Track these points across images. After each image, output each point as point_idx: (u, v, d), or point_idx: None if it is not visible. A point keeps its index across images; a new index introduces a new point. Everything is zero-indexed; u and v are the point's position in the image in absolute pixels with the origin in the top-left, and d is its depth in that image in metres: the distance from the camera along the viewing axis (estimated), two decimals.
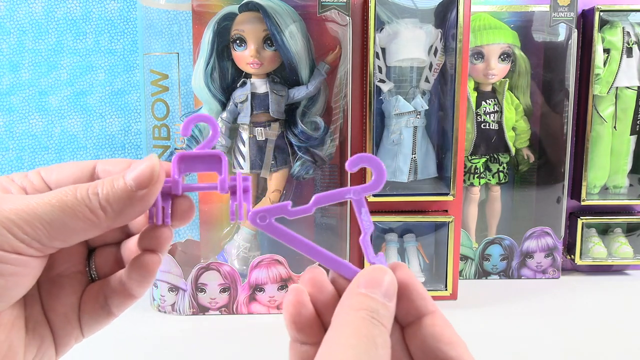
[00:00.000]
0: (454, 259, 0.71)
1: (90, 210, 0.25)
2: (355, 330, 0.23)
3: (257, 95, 0.67)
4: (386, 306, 0.25)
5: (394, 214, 0.71)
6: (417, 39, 0.69)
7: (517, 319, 0.68)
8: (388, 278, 0.26)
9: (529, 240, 0.81)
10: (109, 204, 0.26)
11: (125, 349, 0.61)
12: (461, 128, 0.68)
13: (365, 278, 0.26)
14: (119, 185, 0.26)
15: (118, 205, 0.26)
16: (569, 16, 0.76)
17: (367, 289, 0.25)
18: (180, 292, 0.69)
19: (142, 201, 0.26)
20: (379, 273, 0.26)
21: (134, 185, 0.26)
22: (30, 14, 0.88)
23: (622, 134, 0.81)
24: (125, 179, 0.26)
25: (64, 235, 0.25)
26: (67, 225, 0.25)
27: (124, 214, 0.26)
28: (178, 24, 0.68)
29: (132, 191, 0.26)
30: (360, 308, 0.24)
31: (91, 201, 0.25)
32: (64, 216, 0.25)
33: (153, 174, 0.26)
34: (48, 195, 0.25)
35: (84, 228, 0.26)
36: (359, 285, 0.25)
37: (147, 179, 0.26)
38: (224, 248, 0.72)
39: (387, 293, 0.25)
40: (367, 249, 0.27)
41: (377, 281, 0.25)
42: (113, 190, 0.26)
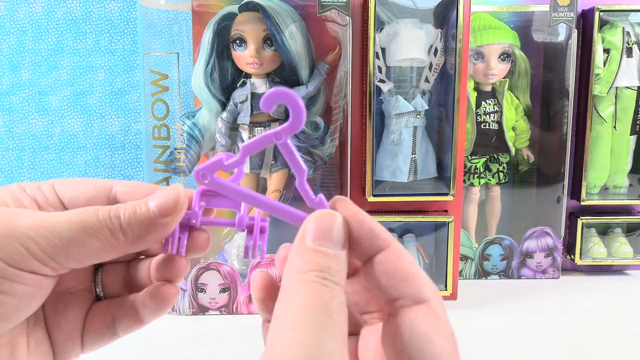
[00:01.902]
0: (453, 259, 0.71)
1: (110, 232, 0.25)
2: (306, 300, 0.21)
3: (257, 95, 0.67)
4: (338, 258, 0.23)
5: (394, 214, 0.71)
6: (417, 39, 0.69)
7: (517, 319, 0.68)
8: (337, 224, 0.24)
9: (529, 240, 0.81)
10: (130, 228, 0.25)
11: (125, 349, 0.61)
12: (461, 128, 0.68)
13: (313, 227, 0.24)
14: (141, 210, 0.26)
15: (139, 230, 0.26)
16: (568, 16, 0.76)
17: (315, 242, 0.23)
18: (180, 292, 0.69)
19: (163, 229, 0.26)
20: (328, 219, 0.24)
21: (157, 212, 0.26)
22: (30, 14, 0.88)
23: (622, 134, 0.81)
24: (148, 205, 0.26)
25: (81, 256, 0.25)
26: (85, 245, 0.25)
27: (144, 239, 0.26)
28: (178, 24, 0.68)
29: (155, 218, 0.26)
30: (308, 269, 0.22)
31: (113, 224, 0.25)
32: (84, 236, 0.25)
33: (178, 203, 0.26)
34: (68, 213, 0.25)
35: (102, 250, 0.25)
36: (305, 238, 0.23)
37: (171, 207, 0.26)
38: (224, 248, 0.72)
39: (338, 241, 0.23)
40: (305, 192, 0.26)
41: (325, 230, 0.23)
42: (135, 215, 0.26)
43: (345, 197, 0.25)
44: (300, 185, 0.26)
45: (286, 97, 0.24)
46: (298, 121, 0.24)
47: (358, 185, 0.71)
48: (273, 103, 0.24)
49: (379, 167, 0.72)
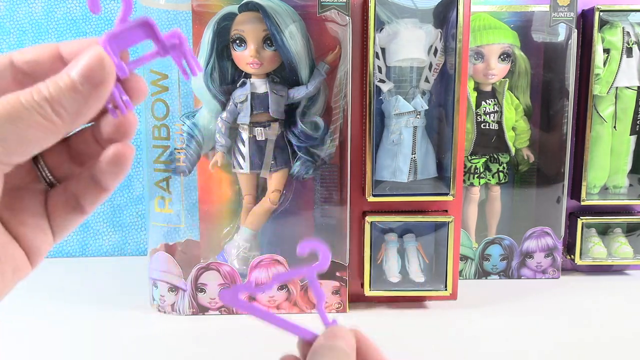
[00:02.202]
0: (453, 259, 0.71)
1: (43, 117, 0.23)
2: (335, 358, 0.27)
3: (256, 95, 0.67)
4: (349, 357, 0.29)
5: (394, 214, 0.71)
6: (417, 39, 0.69)
7: (517, 319, 0.68)
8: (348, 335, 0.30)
9: (529, 240, 0.81)
10: (62, 106, 0.23)
11: (125, 349, 0.61)
12: (461, 128, 0.68)
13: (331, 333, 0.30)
14: (65, 83, 0.23)
15: (72, 106, 0.23)
16: (568, 16, 0.76)
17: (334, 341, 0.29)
18: (180, 292, 0.69)
19: (98, 97, 0.24)
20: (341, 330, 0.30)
21: (85, 82, 0.23)
22: (30, 14, 0.88)
23: (622, 134, 0.81)
24: (70, 75, 0.23)
25: (21, 149, 0.23)
26: (22, 137, 0.23)
27: (81, 114, 0.24)
28: (178, 24, 0.68)
29: (85, 88, 0.23)
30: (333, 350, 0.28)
31: (42, 107, 0.23)
32: (16, 128, 0.22)
33: (104, 65, 0.24)
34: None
35: (42, 137, 0.23)
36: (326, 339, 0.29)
37: (98, 72, 0.23)
38: (223, 248, 0.72)
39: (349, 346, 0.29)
40: (322, 316, 0.32)
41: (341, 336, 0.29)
42: (62, 91, 0.23)
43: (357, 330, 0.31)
44: (320, 309, 0.32)
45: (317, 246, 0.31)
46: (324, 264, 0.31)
47: (358, 185, 0.71)
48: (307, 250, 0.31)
49: (379, 167, 0.72)
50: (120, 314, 0.69)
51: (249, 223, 0.71)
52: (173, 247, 0.72)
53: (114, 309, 0.71)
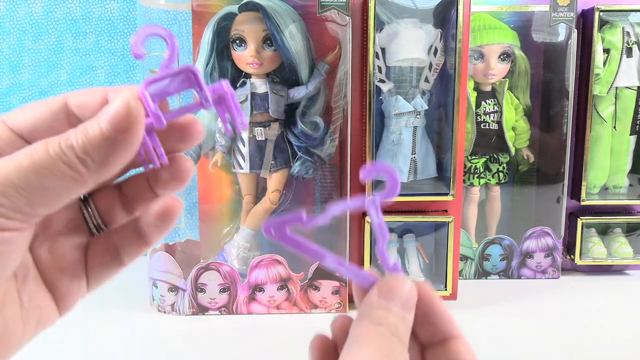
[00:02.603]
0: (453, 259, 0.71)
1: (68, 166, 0.22)
2: (377, 349, 0.23)
3: (256, 95, 0.67)
4: (405, 319, 0.25)
5: (393, 214, 0.71)
6: (417, 39, 0.69)
7: (517, 319, 0.68)
8: (407, 288, 0.25)
9: (529, 240, 0.81)
10: (88, 155, 0.22)
11: (125, 349, 0.61)
12: (461, 128, 0.68)
13: (385, 287, 0.25)
14: (94, 131, 0.22)
15: (99, 155, 0.22)
16: (568, 16, 0.76)
17: (387, 300, 0.25)
18: (180, 292, 0.69)
19: (126, 146, 0.22)
20: (399, 283, 0.25)
21: (111, 129, 0.22)
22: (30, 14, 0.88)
23: (622, 134, 0.81)
24: (99, 123, 0.22)
25: (46, 200, 0.22)
26: (46, 188, 0.22)
27: (108, 164, 0.22)
28: (178, 24, 0.68)
29: (112, 137, 0.22)
30: (380, 323, 0.24)
31: (67, 155, 0.22)
32: (41, 178, 0.21)
33: (130, 111, 0.22)
34: (15, 156, 0.22)
35: (67, 187, 0.22)
36: (378, 295, 0.25)
37: (124, 119, 0.22)
38: (223, 248, 0.72)
39: (407, 304, 0.25)
40: (384, 258, 0.27)
41: (397, 291, 0.25)
42: (89, 139, 0.22)
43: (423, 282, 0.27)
44: (381, 251, 0.27)
45: (384, 170, 0.26)
46: (392, 192, 0.26)
47: (358, 185, 0.71)
48: (372, 175, 0.26)
49: None
50: (120, 314, 0.69)
51: (249, 223, 0.71)
52: (173, 247, 0.72)
53: (114, 309, 0.71)
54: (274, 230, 0.25)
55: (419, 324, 0.26)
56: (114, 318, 0.68)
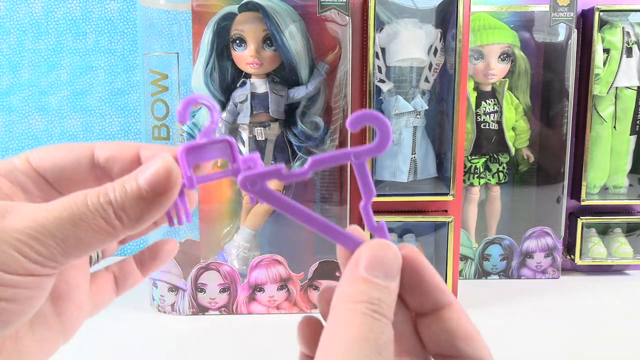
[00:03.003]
0: (453, 259, 0.71)
1: (105, 221, 0.23)
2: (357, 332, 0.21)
3: (256, 95, 0.67)
4: (389, 290, 0.23)
5: (393, 214, 0.71)
6: (416, 39, 0.69)
7: (517, 319, 0.68)
8: (391, 255, 0.23)
9: (529, 240, 0.81)
10: (125, 212, 0.23)
11: (125, 349, 0.61)
12: (461, 128, 0.68)
13: (367, 256, 0.23)
14: (132, 189, 0.23)
15: (135, 212, 0.23)
16: (568, 16, 0.76)
17: (369, 271, 0.23)
18: (180, 292, 0.69)
19: (160, 206, 0.23)
20: (382, 249, 0.23)
21: (149, 190, 0.23)
22: (30, 14, 0.88)
23: (622, 134, 0.81)
24: (138, 182, 0.23)
25: (79, 250, 0.23)
26: (81, 239, 0.22)
27: (142, 221, 0.23)
28: (178, 24, 0.68)
29: (149, 197, 0.23)
30: (360, 300, 0.22)
31: (106, 211, 0.23)
32: (78, 231, 0.22)
33: (171, 176, 0.23)
34: (56, 206, 0.22)
35: (100, 240, 0.23)
36: (358, 266, 0.23)
37: (164, 182, 0.23)
38: (223, 248, 0.72)
39: (390, 272, 0.23)
40: (368, 216, 0.25)
41: (380, 260, 0.23)
42: (127, 196, 0.23)
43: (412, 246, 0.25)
44: (365, 208, 0.25)
45: (374, 119, 0.24)
46: (384, 145, 0.24)
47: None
48: (360, 124, 0.24)
49: (379, 167, 0.72)
50: (120, 314, 0.69)
51: (249, 223, 0.71)
52: None
53: (114, 309, 0.70)
54: (249, 184, 0.24)
55: (408, 293, 0.24)
56: (114, 318, 0.68)
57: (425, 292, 0.24)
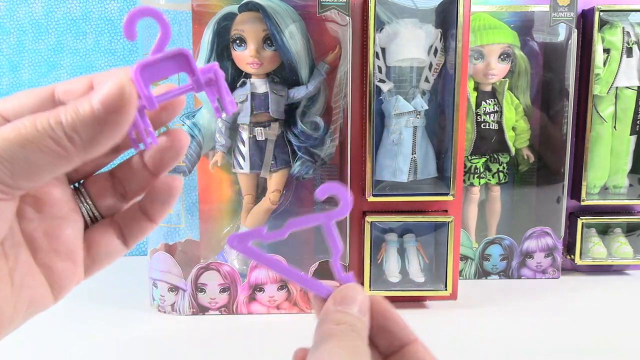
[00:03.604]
0: (454, 259, 0.71)
1: (55, 141, 0.22)
2: (341, 341, 0.25)
3: (256, 95, 0.67)
4: (362, 321, 0.27)
5: (394, 214, 0.71)
6: (417, 39, 0.69)
7: (517, 319, 0.68)
8: (361, 295, 0.28)
9: (529, 240, 0.81)
10: (76, 132, 0.22)
11: (126, 349, 0.61)
12: (461, 128, 0.68)
13: (340, 296, 0.28)
14: (84, 110, 0.22)
15: (87, 133, 0.22)
16: (568, 16, 0.76)
17: (343, 306, 0.27)
18: (180, 292, 0.69)
19: (116, 126, 0.23)
20: (353, 291, 0.28)
21: (102, 109, 0.22)
22: (30, 14, 0.88)
23: (622, 134, 0.81)
24: (92, 102, 0.22)
25: (29, 173, 0.22)
26: (31, 161, 0.22)
27: (96, 142, 0.23)
28: (178, 24, 0.68)
29: (102, 116, 0.22)
30: (340, 322, 0.26)
31: (55, 131, 0.22)
32: (26, 152, 0.22)
33: (123, 94, 0.23)
34: (5, 128, 0.22)
35: (52, 163, 0.23)
36: (335, 303, 0.27)
37: (117, 100, 0.22)
38: (223, 248, 0.72)
39: (362, 309, 0.27)
40: (337, 270, 0.29)
41: (352, 298, 0.28)
42: (79, 117, 0.22)
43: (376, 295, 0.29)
44: (334, 263, 0.29)
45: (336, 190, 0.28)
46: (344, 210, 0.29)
47: (358, 185, 0.71)
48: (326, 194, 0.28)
49: (379, 167, 0.72)
50: (120, 314, 0.69)
51: (249, 223, 0.71)
52: (173, 247, 0.72)
53: (114, 309, 0.71)
54: (237, 243, 0.28)
55: (377, 335, 0.28)
56: (114, 318, 0.68)
57: (393, 331, 0.28)
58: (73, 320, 0.68)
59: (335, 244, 0.29)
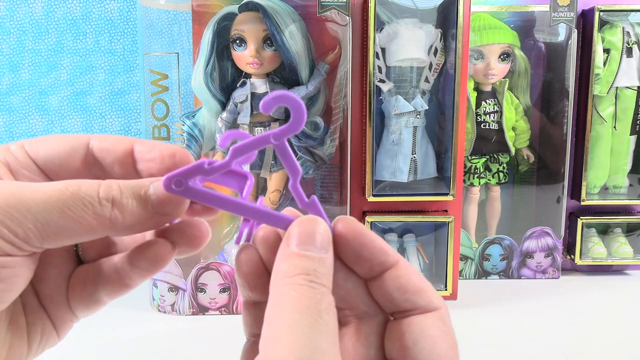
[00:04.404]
0: (454, 259, 0.71)
1: (96, 215, 0.21)
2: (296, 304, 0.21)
3: (257, 95, 0.67)
4: (323, 260, 0.23)
5: (393, 214, 0.71)
6: (417, 39, 0.69)
7: (517, 319, 0.68)
8: (321, 228, 0.24)
9: (529, 240, 0.81)
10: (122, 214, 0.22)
11: (125, 349, 0.61)
12: (461, 128, 0.68)
13: (297, 233, 0.23)
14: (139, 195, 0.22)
15: (131, 220, 0.22)
16: (568, 16, 0.76)
17: (300, 246, 0.23)
18: (180, 292, 0.69)
19: (157, 224, 0.23)
20: (311, 225, 0.24)
21: (155, 206, 0.22)
22: (30, 14, 0.88)
23: (622, 134, 0.81)
24: (148, 191, 0.22)
25: (57, 239, 0.22)
26: (63, 228, 0.21)
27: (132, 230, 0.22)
28: (178, 24, 0.68)
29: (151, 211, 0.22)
30: (295, 273, 0.22)
31: (102, 207, 0.21)
32: (62, 219, 0.21)
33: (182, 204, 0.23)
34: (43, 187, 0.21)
35: (82, 233, 0.22)
36: (289, 244, 0.23)
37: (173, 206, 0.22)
38: (224, 248, 0.72)
39: (322, 245, 0.23)
40: (298, 194, 0.25)
41: (309, 235, 0.23)
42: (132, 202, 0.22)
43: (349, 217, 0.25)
44: (294, 186, 0.25)
45: (287, 99, 0.23)
46: (298, 123, 0.24)
47: (358, 185, 0.71)
48: (273, 105, 0.23)
49: (379, 167, 0.72)
50: (120, 314, 0.69)
51: None
52: None
53: (114, 309, 0.70)
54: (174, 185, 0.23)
55: (354, 262, 0.25)
56: (114, 318, 0.68)
57: (370, 257, 0.24)
58: None
59: (294, 165, 0.25)
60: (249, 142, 0.24)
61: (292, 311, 0.21)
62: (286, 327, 0.20)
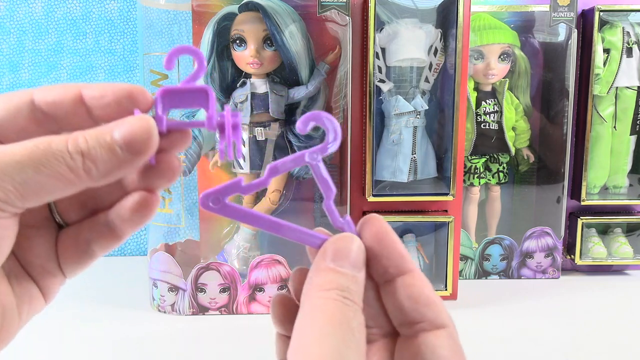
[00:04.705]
0: (454, 259, 0.71)
1: (70, 169, 0.22)
2: (330, 317, 0.22)
3: (257, 95, 0.67)
4: (356, 279, 0.24)
5: (393, 214, 0.71)
6: (417, 39, 0.69)
7: (517, 319, 0.68)
8: (355, 247, 0.24)
9: (529, 240, 0.81)
10: (94, 164, 0.22)
11: (125, 349, 0.61)
12: (461, 128, 0.68)
13: (332, 249, 0.24)
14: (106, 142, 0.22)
15: (105, 167, 0.22)
16: (568, 16, 0.76)
17: (335, 262, 0.24)
18: (180, 292, 0.69)
19: (133, 166, 0.23)
20: (346, 242, 0.25)
21: (124, 147, 0.22)
22: (30, 14, 0.88)
23: (622, 134, 0.81)
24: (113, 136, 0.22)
25: (37, 196, 0.22)
26: (41, 184, 0.22)
27: (111, 176, 0.23)
28: (178, 24, 0.68)
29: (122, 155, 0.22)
30: (330, 288, 0.23)
31: (74, 159, 0.22)
32: (39, 176, 0.21)
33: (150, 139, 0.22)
34: (14, 148, 0.21)
35: (61, 188, 0.22)
36: (325, 259, 0.24)
37: (141, 143, 0.22)
38: (223, 248, 0.72)
39: (356, 263, 0.24)
40: (332, 213, 0.26)
41: (345, 252, 0.24)
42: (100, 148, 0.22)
43: (376, 215, 0.25)
44: (328, 206, 0.26)
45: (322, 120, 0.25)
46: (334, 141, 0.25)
47: (358, 185, 0.71)
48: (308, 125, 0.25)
49: (379, 167, 0.72)
50: (120, 314, 0.69)
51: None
52: (173, 247, 0.72)
53: (114, 309, 0.71)
54: (212, 202, 0.24)
55: (373, 260, 0.25)
56: (114, 318, 0.68)
57: (388, 258, 0.25)
58: (73, 320, 0.68)
59: (327, 184, 0.25)
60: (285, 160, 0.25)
61: (324, 324, 0.21)
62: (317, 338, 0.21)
